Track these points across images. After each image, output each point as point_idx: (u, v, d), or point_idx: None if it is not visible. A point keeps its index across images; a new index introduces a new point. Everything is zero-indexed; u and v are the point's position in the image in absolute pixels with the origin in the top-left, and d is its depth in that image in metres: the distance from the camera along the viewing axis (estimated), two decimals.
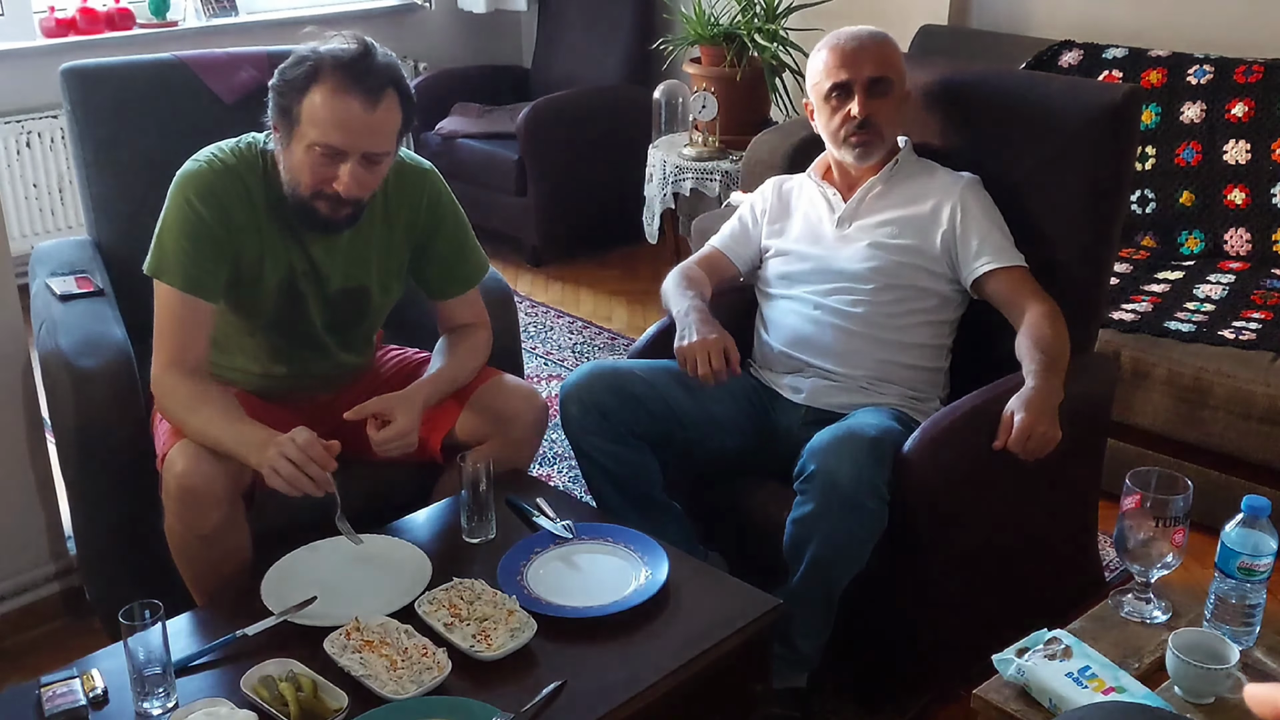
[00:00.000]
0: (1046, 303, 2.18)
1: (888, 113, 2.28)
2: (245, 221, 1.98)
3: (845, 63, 2.27)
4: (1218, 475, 2.68)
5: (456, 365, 2.15)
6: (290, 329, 2.10)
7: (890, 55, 2.31)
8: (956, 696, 2.12)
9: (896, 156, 2.35)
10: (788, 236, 2.40)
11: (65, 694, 1.59)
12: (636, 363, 2.30)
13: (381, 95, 1.89)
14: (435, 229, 2.15)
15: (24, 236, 4.10)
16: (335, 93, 1.86)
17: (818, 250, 2.33)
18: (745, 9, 3.96)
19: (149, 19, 4.37)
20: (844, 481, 1.93)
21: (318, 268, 2.06)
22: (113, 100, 2.48)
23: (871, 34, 2.33)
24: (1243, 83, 3.21)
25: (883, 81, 2.27)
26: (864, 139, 2.28)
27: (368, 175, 1.93)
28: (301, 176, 1.92)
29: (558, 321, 4.11)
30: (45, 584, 2.45)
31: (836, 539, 1.96)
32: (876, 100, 2.27)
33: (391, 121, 1.93)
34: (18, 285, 2.35)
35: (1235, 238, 3.22)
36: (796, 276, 2.34)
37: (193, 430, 1.91)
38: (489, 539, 1.96)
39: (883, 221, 2.29)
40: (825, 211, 2.36)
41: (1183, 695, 1.63)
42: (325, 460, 1.83)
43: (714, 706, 1.83)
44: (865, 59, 2.27)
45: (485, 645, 1.67)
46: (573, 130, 4.49)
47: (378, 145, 1.92)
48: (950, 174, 2.33)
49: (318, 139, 1.88)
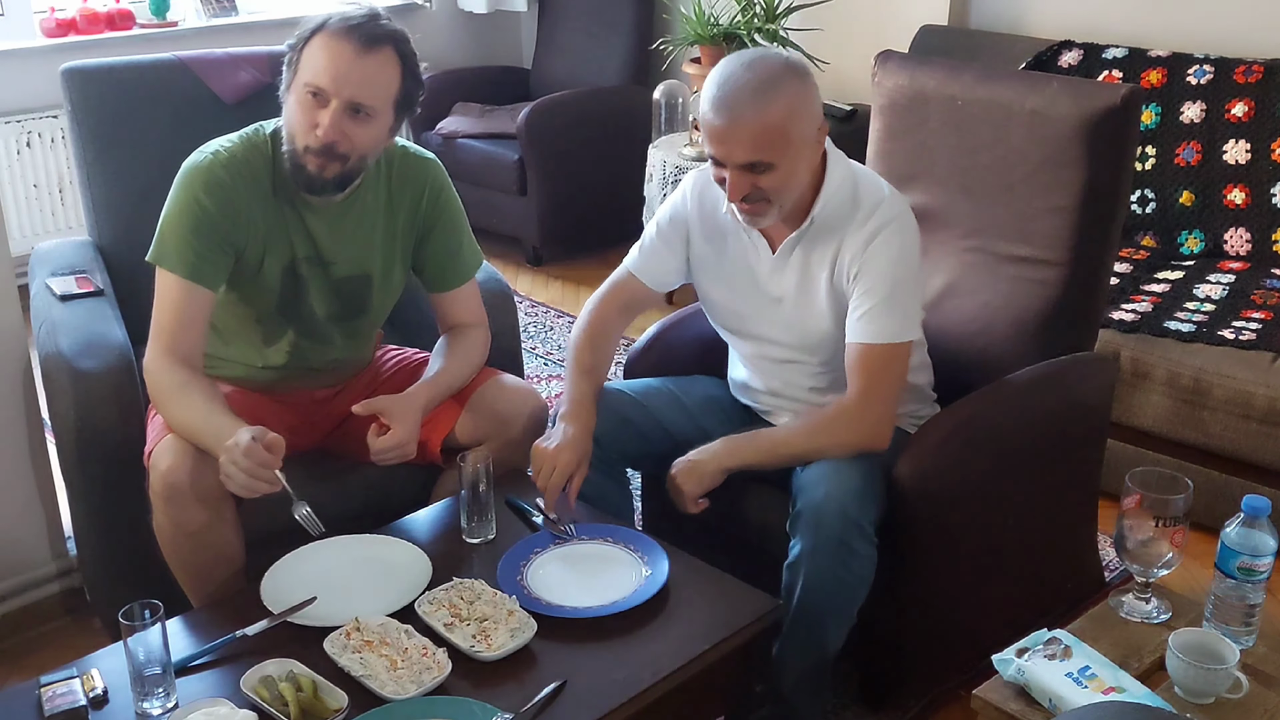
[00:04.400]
0: (852, 395, 2.00)
1: (772, 186, 1.94)
2: (250, 209, 2.00)
3: (714, 139, 1.94)
4: (1218, 475, 2.68)
5: (455, 368, 2.15)
6: (293, 316, 2.11)
7: (771, 133, 1.89)
8: (956, 696, 2.12)
9: (811, 215, 2.02)
10: (718, 284, 2.17)
11: (65, 694, 1.59)
12: (628, 383, 2.28)
13: (376, 47, 1.92)
14: (437, 219, 2.16)
15: (24, 237, 4.09)
16: (331, 36, 1.91)
17: (753, 310, 2.13)
18: (745, 9, 3.96)
19: (149, 19, 4.37)
20: (830, 521, 1.88)
21: (321, 252, 2.07)
22: (113, 100, 2.48)
23: (754, 98, 1.88)
24: (1243, 83, 3.21)
25: (759, 165, 1.92)
26: (747, 209, 1.99)
27: (352, 128, 1.92)
28: (294, 127, 1.95)
29: (558, 321, 4.11)
30: (45, 584, 2.45)
31: (824, 580, 1.89)
32: (755, 176, 1.93)
33: (383, 75, 1.94)
34: (18, 285, 2.35)
35: (1235, 238, 3.23)
36: (742, 333, 2.19)
37: (174, 418, 1.92)
38: (489, 539, 1.96)
39: (805, 287, 2.06)
40: (754, 261, 2.11)
41: (1183, 695, 1.63)
42: (268, 461, 1.81)
43: (714, 706, 1.83)
44: (737, 142, 1.91)
45: (485, 645, 1.67)
46: (573, 130, 4.49)
47: (363, 95, 1.91)
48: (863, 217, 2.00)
49: (308, 79, 1.91)
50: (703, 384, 2.31)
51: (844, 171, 2.05)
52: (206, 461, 1.87)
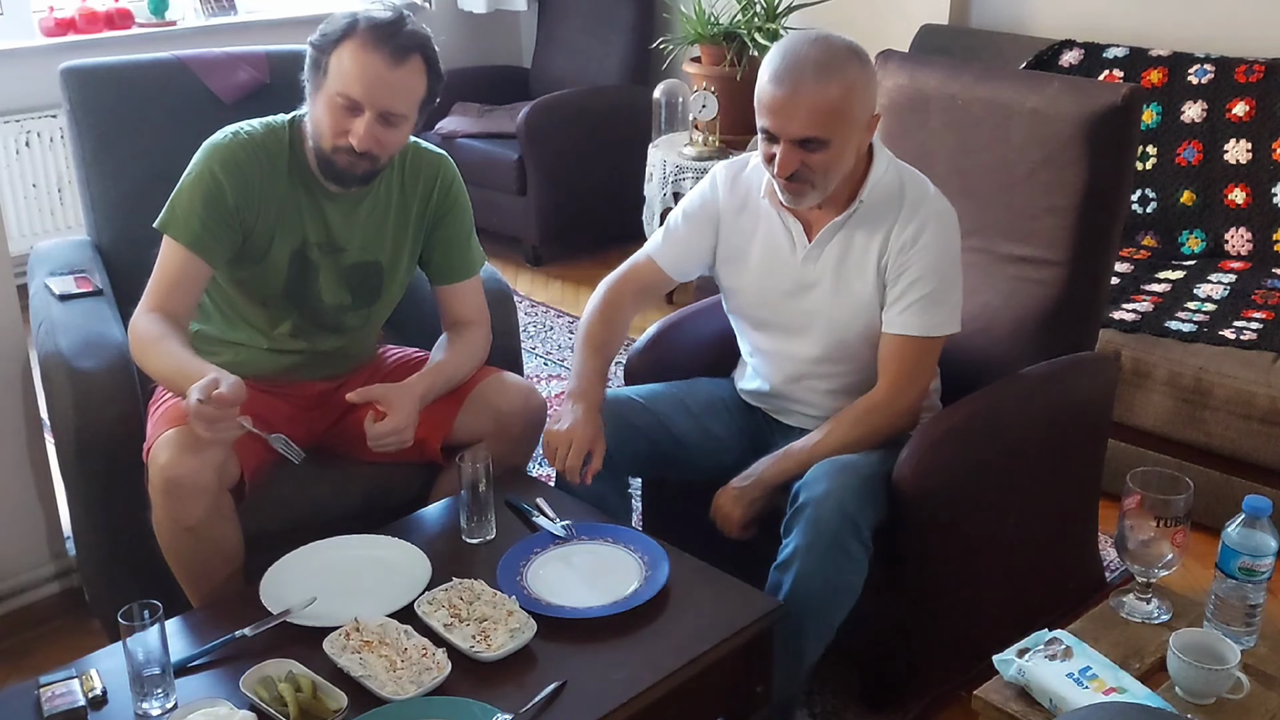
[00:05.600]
0: (882, 388, 2.05)
1: (821, 166, 1.95)
2: (263, 191, 2.03)
3: (772, 110, 1.93)
4: (1218, 475, 2.68)
5: (455, 361, 2.16)
6: (300, 301, 2.13)
7: (829, 109, 1.90)
8: (957, 697, 2.12)
9: (859, 199, 2.03)
10: (746, 272, 2.15)
11: (64, 694, 1.58)
12: (631, 390, 2.27)
13: (406, 58, 1.97)
14: (447, 211, 2.19)
15: (23, 236, 4.09)
16: (362, 47, 1.95)
17: (781, 298, 2.11)
18: (745, 8, 3.97)
19: (148, 19, 4.37)
20: (829, 517, 1.88)
21: (334, 238, 2.10)
22: (112, 100, 2.48)
23: (816, 74, 1.90)
24: (1243, 82, 3.21)
25: (812, 142, 1.92)
26: (792, 188, 1.99)
27: (384, 134, 1.98)
28: (323, 129, 1.99)
29: (558, 321, 4.11)
30: (45, 584, 2.45)
31: (813, 582, 1.89)
32: (806, 154, 1.94)
33: (413, 85, 2.00)
34: (17, 285, 2.35)
35: (1236, 237, 3.22)
36: (767, 324, 2.17)
37: (151, 365, 1.95)
38: (489, 539, 1.96)
39: (842, 273, 2.06)
40: (788, 248, 2.10)
41: (1183, 695, 1.63)
42: (224, 411, 1.79)
43: (714, 706, 1.83)
44: (794, 114, 1.91)
45: (485, 645, 1.67)
46: (573, 130, 4.49)
47: (395, 105, 1.98)
48: (911, 210, 2.02)
49: (340, 89, 1.95)
50: (705, 386, 2.31)
51: (889, 160, 2.07)
52: (206, 456, 1.87)
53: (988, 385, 2.15)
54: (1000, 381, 2.16)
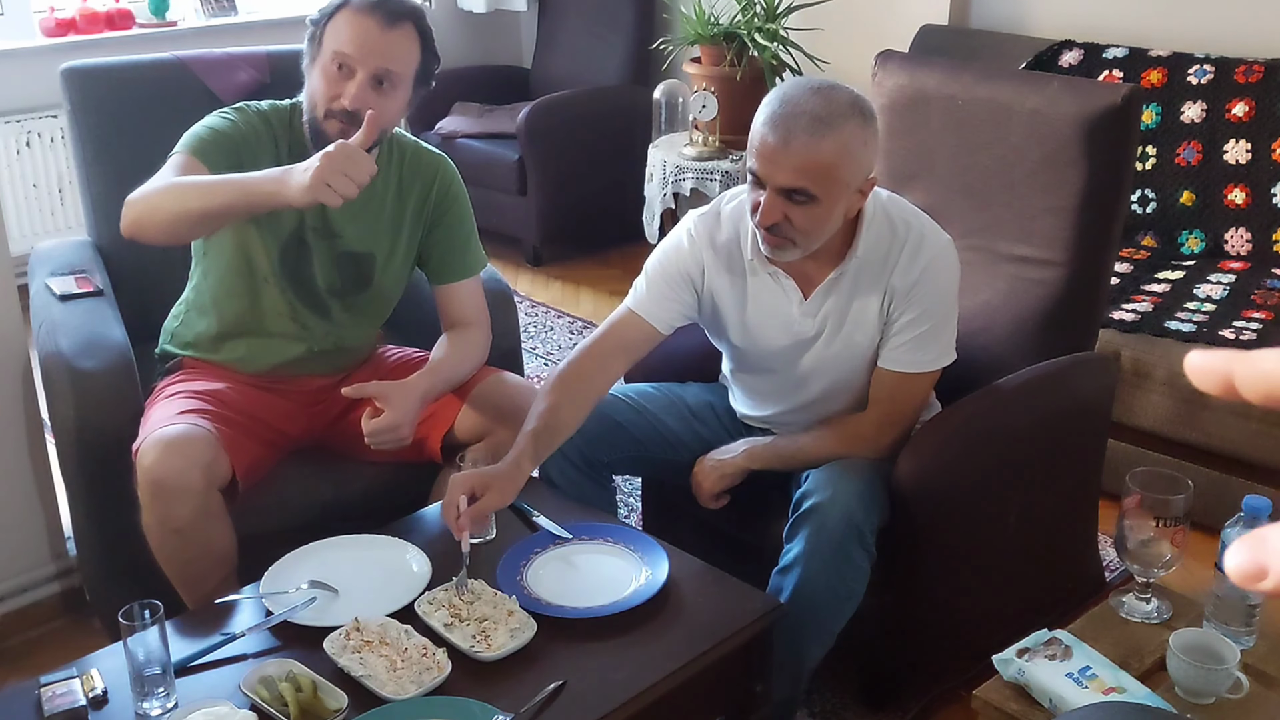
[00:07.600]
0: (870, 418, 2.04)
1: (804, 223, 1.87)
2: (262, 163, 2.04)
3: (762, 155, 1.85)
4: (1217, 475, 2.68)
5: (455, 361, 2.16)
6: (294, 281, 2.14)
7: (819, 166, 1.81)
8: (957, 697, 2.12)
9: (854, 252, 1.96)
10: (739, 336, 2.08)
11: (65, 694, 1.58)
12: (624, 388, 2.26)
13: (399, 22, 2.03)
14: (445, 210, 2.20)
15: (24, 236, 4.09)
16: (356, 12, 2.02)
17: (780, 351, 2.06)
18: (745, 9, 3.96)
19: (149, 19, 4.37)
20: (834, 524, 1.88)
21: (330, 223, 2.11)
22: (112, 100, 2.48)
23: (811, 127, 1.81)
24: (1243, 82, 3.21)
25: (799, 194, 1.84)
26: (771, 240, 1.91)
27: (376, 100, 2.00)
28: (317, 95, 2.03)
29: (558, 321, 4.11)
30: (45, 584, 2.45)
31: (816, 586, 1.89)
32: (791, 206, 1.85)
33: (406, 48, 2.05)
34: (18, 285, 2.35)
35: (1236, 237, 3.22)
36: (759, 374, 2.14)
37: (175, 199, 1.90)
38: (489, 539, 1.96)
39: (841, 324, 2.01)
40: (783, 308, 2.03)
41: (1183, 695, 1.63)
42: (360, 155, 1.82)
43: (714, 706, 1.83)
44: (783, 165, 1.83)
45: (485, 645, 1.67)
46: (573, 130, 4.49)
47: (389, 63, 2.02)
48: (910, 255, 1.96)
49: (334, 50, 2.01)
50: (697, 390, 2.31)
51: (873, 204, 1.98)
52: (193, 456, 1.87)
53: (988, 385, 2.15)
54: (1000, 381, 2.16)
